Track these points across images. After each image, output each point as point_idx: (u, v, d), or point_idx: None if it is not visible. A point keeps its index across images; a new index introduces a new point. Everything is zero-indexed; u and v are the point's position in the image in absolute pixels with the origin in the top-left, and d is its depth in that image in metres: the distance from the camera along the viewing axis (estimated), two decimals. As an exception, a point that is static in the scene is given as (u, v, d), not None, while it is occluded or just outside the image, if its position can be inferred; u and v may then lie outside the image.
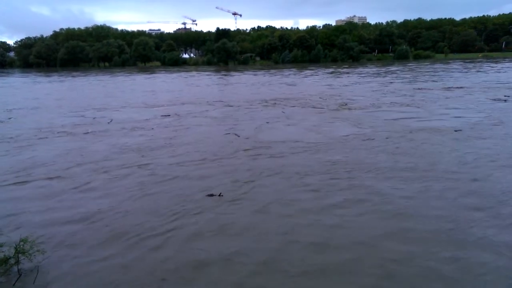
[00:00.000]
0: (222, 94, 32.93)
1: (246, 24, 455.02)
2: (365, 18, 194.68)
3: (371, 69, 70.96)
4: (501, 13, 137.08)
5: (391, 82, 40.07)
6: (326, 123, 18.03)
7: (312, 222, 7.79)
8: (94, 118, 20.71)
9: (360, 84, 38.86)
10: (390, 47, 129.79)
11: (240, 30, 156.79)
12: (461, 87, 32.25)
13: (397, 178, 10.16)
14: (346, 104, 23.99)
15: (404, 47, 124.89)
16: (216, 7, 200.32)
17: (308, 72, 66.72)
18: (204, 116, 20.83)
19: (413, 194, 9.02)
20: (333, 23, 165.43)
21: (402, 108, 22.03)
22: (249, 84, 43.77)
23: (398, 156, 12.14)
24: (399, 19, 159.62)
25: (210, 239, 7.19)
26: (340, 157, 12.16)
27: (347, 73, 61.04)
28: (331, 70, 70.75)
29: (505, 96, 25.43)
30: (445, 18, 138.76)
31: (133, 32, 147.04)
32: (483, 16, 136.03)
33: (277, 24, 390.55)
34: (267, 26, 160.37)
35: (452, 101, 24.19)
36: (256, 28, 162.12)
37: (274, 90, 35.36)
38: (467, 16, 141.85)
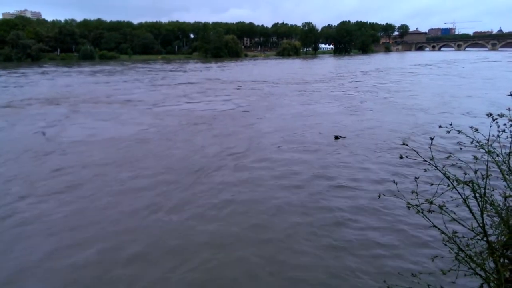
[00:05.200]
0: None
1: None
2: (39, 13, 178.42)
3: (77, 69, 69.08)
4: (171, 20, 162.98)
5: (123, 82, 42.43)
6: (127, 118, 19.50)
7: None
8: None
9: (95, 83, 38.98)
10: (74, 46, 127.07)
11: None
12: (195, 83, 39.37)
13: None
14: (130, 101, 25.20)
15: (88, 47, 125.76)
16: None
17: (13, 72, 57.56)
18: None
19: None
20: (0, 16, 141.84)
21: (191, 99, 26.18)
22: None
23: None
24: (78, 18, 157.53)
25: None
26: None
27: (69, 72, 57.86)
28: (42, 70, 63.90)
29: (238, 86, 34.30)
30: (124, 21, 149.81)
31: None
32: (157, 22, 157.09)
33: None
34: None
35: (211, 93, 30.30)
36: None
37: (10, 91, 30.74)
38: (143, 20, 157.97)
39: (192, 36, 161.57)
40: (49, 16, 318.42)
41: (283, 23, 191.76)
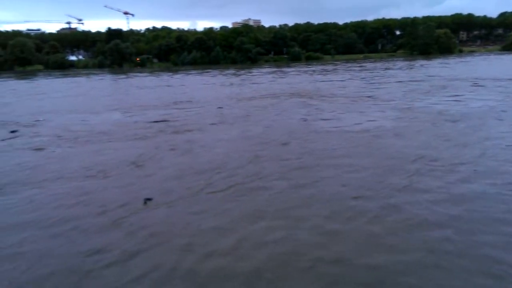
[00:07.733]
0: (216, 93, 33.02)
1: (139, 24, 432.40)
2: (259, 21, 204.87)
3: (293, 68, 75.34)
4: (377, 18, 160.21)
5: (340, 80, 43.42)
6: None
7: None
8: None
9: (319, 81, 41.21)
10: (284, 49, 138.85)
11: (133, 30, 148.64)
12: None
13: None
14: (370, 97, 25.21)
15: (297, 49, 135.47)
16: (105, 6, 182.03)
17: (244, 71, 68.08)
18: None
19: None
20: (230, 25, 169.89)
21: (427, 97, 24.68)
22: (235, 85, 44.01)
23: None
24: (290, 23, 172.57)
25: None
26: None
27: (290, 72, 64.91)
28: (265, 70, 74.16)
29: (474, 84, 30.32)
30: (330, 23, 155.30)
31: (7, 32, 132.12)
32: (362, 20, 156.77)
33: (173, 25, 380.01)
34: (162, 27, 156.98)
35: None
36: (151, 28, 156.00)
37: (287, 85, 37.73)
38: (348, 20, 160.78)
39: (398, 33, 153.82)
40: (267, 23, 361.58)
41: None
